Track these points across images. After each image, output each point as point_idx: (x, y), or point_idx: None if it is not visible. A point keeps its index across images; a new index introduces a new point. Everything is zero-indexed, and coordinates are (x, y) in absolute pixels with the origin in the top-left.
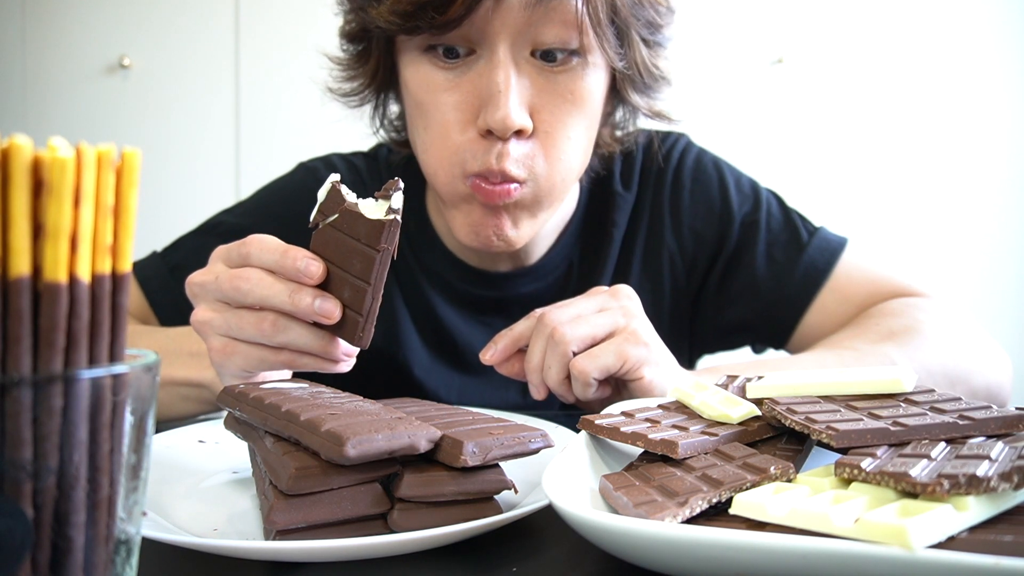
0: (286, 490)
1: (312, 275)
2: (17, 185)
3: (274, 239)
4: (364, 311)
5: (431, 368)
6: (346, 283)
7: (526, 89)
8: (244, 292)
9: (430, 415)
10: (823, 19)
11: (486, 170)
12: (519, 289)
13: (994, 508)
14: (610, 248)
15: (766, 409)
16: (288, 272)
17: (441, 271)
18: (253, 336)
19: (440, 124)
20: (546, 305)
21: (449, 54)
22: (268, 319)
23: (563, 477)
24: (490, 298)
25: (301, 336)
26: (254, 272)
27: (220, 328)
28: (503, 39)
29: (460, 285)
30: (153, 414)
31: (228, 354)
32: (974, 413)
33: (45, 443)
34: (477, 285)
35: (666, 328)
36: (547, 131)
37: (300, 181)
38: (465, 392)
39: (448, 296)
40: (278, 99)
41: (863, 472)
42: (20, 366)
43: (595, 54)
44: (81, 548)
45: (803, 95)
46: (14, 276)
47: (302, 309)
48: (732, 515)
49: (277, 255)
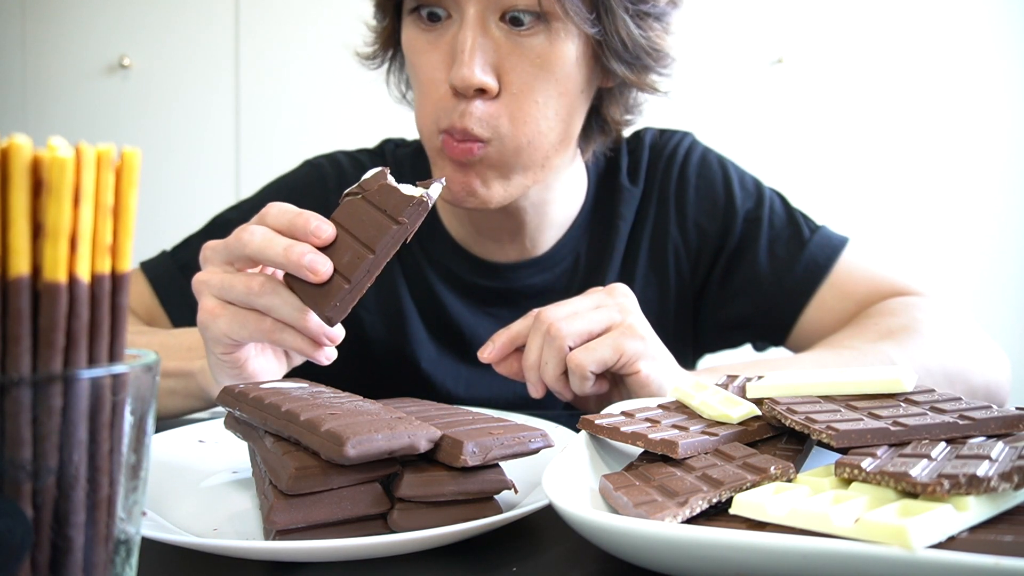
0: (286, 490)
1: (321, 236)
2: (16, 185)
3: (292, 206)
4: (353, 280)
5: (438, 360)
6: (349, 249)
7: (492, 51)
8: (244, 243)
9: (430, 415)
10: (823, 19)
11: (450, 126)
12: (526, 280)
13: (994, 508)
14: (616, 241)
15: (766, 409)
16: (298, 231)
17: (448, 263)
18: (241, 294)
19: (422, 83)
20: (553, 297)
21: (432, 18)
22: (258, 278)
23: (563, 477)
24: (497, 289)
25: (286, 302)
26: (258, 227)
27: (215, 287)
28: (473, 2)
29: (467, 276)
30: (153, 414)
31: (216, 315)
32: (974, 413)
33: (45, 443)
34: (484, 276)
35: (671, 321)
36: (514, 93)
37: (305, 177)
38: (473, 384)
39: (455, 287)
40: (278, 99)
41: (863, 472)
42: (20, 366)
43: (564, 21)
44: (81, 548)
45: (803, 95)
46: (13, 276)
47: (293, 260)
48: (732, 515)
49: (291, 215)
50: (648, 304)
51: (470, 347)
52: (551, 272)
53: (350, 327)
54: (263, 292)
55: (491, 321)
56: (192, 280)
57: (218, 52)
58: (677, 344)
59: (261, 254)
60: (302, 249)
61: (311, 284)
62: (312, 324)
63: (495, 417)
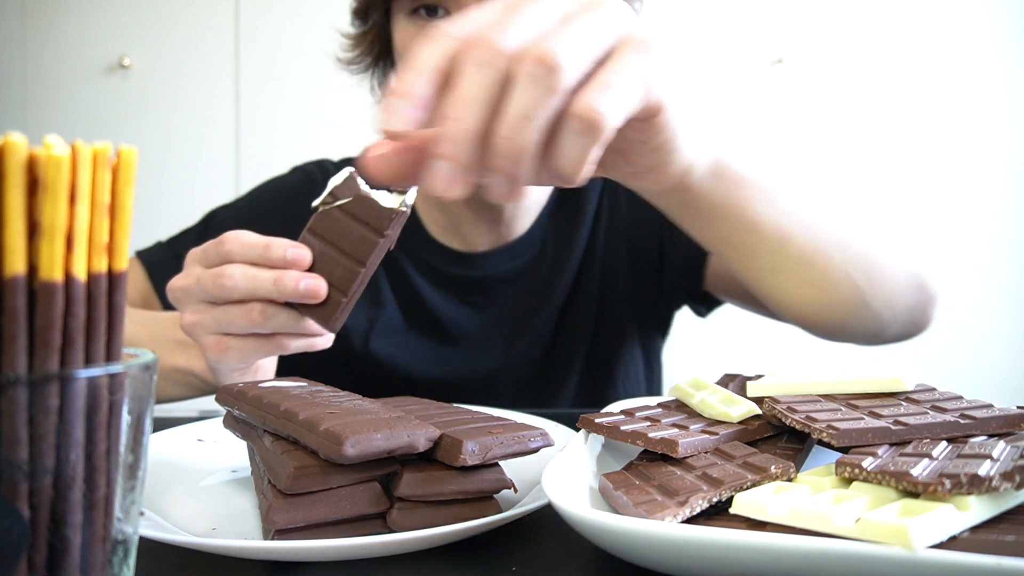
0: (285, 489)
1: (300, 262)
2: (12, 183)
3: (252, 234)
4: (350, 293)
5: (417, 350)
6: (339, 264)
7: None
8: (229, 289)
9: (429, 414)
10: (823, 19)
11: None
12: (500, 267)
13: (996, 508)
14: (582, 226)
15: (766, 408)
16: (275, 262)
17: (426, 257)
18: (244, 328)
19: None
20: (526, 283)
21: (430, 13)
22: (256, 309)
23: (563, 476)
24: (472, 277)
25: (288, 318)
26: (235, 268)
27: (211, 327)
28: None
29: (442, 267)
30: (150, 413)
31: (223, 350)
32: (975, 412)
33: (41, 443)
34: (459, 266)
35: (635, 306)
36: None
37: (295, 182)
38: (452, 372)
39: (432, 279)
40: (278, 99)
41: (864, 471)
42: (16, 365)
43: None
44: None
45: (803, 95)
46: (10, 275)
47: (288, 292)
48: (732, 515)
49: (260, 250)
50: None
51: (446, 335)
52: (522, 258)
53: None
54: (267, 320)
55: (467, 309)
56: (181, 326)
57: (218, 52)
58: (646, 329)
59: (252, 294)
60: (293, 277)
61: None
62: (313, 327)
63: (495, 416)
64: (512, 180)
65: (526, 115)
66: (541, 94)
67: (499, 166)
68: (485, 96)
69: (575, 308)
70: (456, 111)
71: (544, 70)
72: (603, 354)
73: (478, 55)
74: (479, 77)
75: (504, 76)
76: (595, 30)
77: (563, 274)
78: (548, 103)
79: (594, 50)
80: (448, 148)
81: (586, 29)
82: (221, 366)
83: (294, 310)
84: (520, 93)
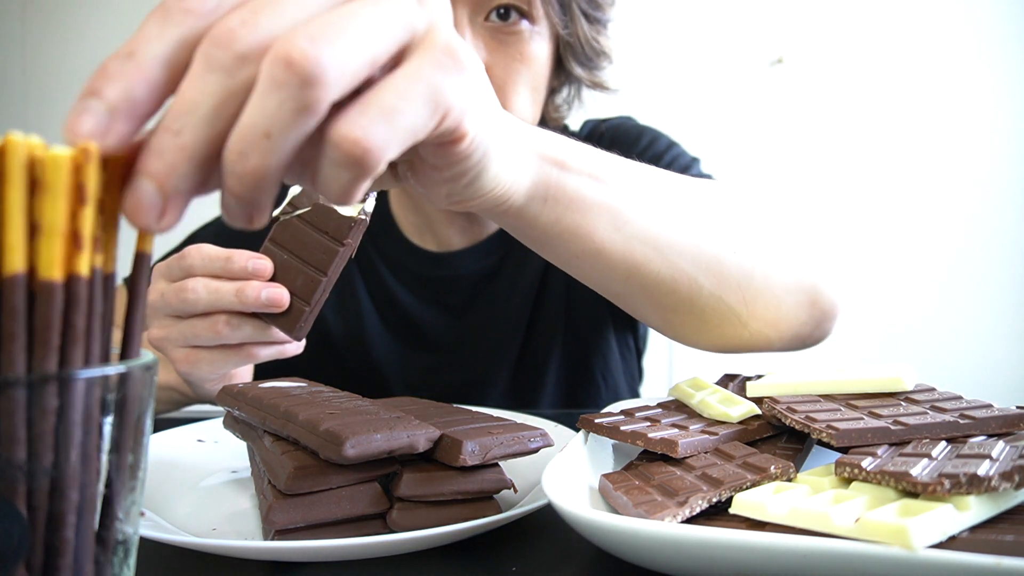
0: (285, 489)
1: (262, 273)
2: (13, 183)
3: (212, 247)
4: (312, 302)
5: (395, 353)
6: (300, 273)
7: (482, 48)
8: (192, 303)
9: (429, 414)
10: (823, 19)
11: None
12: (472, 266)
13: (995, 508)
14: None
15: (766, 408)
16: (236, 274)
17: (401, 259)
18: (211, 340)
19: None
20: (498, 283)
21: None
22: (221, 321)
23: (562, 476)
24: (444, 277)
25: (254, 329)
26: (197, 281)
27: (178, 340)
28: (463, 5)
29: (415, 268)
30: (150, 414)
31: (193, 362)
32: (975, 412)
33: (40, 443)
34: (433, 267)
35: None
36: (499, 86)
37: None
38: (430, 374)
39: (407, 281)
40: None
41: (863, 471)
42: (14, 365)
43: (541, 24)
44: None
45: (803, 95)
46: (9, 274)
47: (251, 303)
48: (732, 515)
49: (221, 262)
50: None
51: (423, 338)
52: (495, 255)
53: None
54: (232, 332)
55: (439, 311)
56: (148, 340)
57: None
58: (623, 330)
59: (215, 306)
60: (255, 288)
61: None
62: (280, 335)
63: (494, 416)
64: (249, 205)
65: (266, 132)
66: (289, 108)
67: (231, 187)
68: (215, 103)
69: (545, 304)
70: (172, 120)
71: (294, 77)
72: (579, 347)
73: (214, 52)
74: (211, 79)
75: (248, 77)
76: (380, 23)
77: (530, 268)
78: (298, 121)
79: (374, 51)
80: (155, 165)
81: (367, 21)
82: (193, 378)
83: (259, 320)
84: (260, 102)
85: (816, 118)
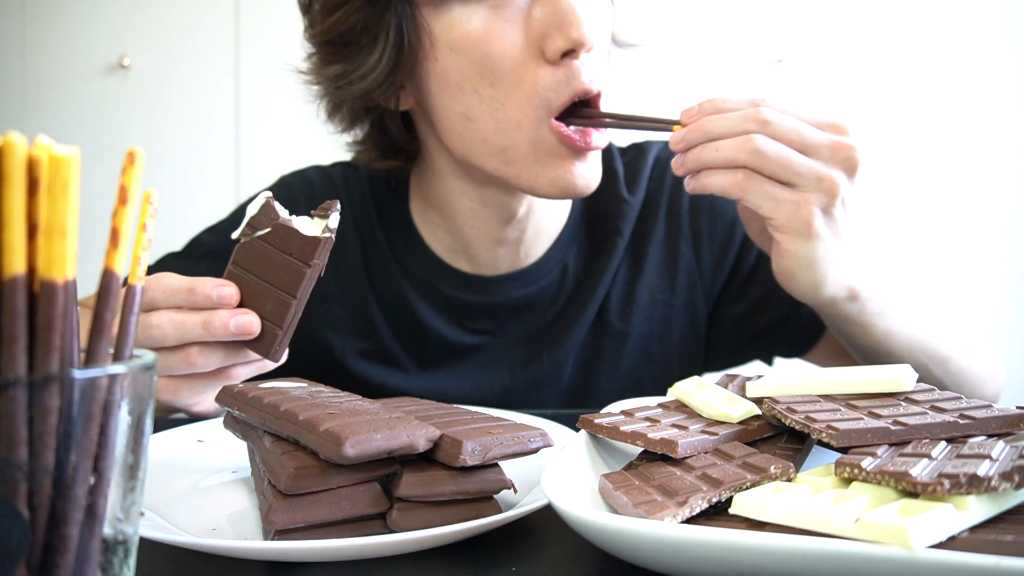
0: (285, 490)
1: (228, 301)
2: (13, 183)
3: (175, 277)
4: (285, 324)
5: (408, 374)
6: (269, 296)
7: None
8: (159, 339)
9: (429, 414)
10: (823, 19)
11: (581, 91)
12: (511, 293)
13: (995, 508)
14: (612, 253)
15: (766, 408)
16: (202, 307)
17: (429, 278)
18: (187, 371)
19: (507, 71)
20: (538, 309)
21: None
22: (193, 352)
23: (562, 477)
24: (480, 303)
25: (227, 353)
26: (161, 316)
27: None
28: None
29: (449, 291)
30: (151, 414)
31: (173, 391)
32: (975, 412)
33: (41, 443)
34: (468, 290)
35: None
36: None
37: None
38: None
39: (434, 302)
40: (278, 99)
41: (863, 471)
42: (15, 365)
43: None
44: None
45: (803, 95)
46: (10, 275)
47: (219, 334)
48: (732, 515)
49: (184, 294)
50: (652, 322)
51: (446, 364)
52: (536, 285)
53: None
54: (206, 361)
55: (471, 336)
56: None
57: (218, 52)
58: (684, 364)
59: (183, 340)
60: (222, 319)
61: None
62: (255, 354)
63: (494, 416)
64: None
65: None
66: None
67: None
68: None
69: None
70: None
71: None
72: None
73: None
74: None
75: None
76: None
77: (589, 302)
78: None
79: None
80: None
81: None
82: (177, 405)
83: (233, 344)
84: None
85: None
